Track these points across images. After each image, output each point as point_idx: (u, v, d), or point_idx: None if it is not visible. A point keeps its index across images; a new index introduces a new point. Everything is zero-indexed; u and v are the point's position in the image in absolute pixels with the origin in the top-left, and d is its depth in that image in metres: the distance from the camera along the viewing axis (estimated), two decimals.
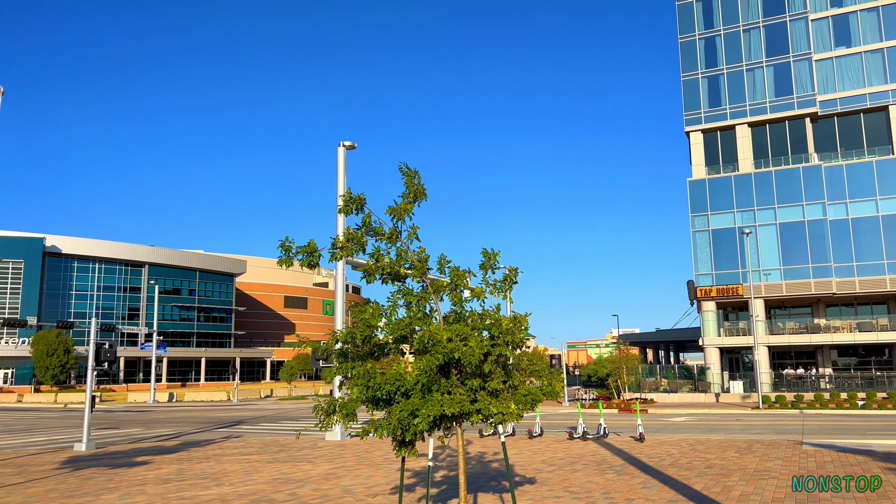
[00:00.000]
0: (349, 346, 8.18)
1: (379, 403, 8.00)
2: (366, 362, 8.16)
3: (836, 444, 19.90)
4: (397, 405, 7.47)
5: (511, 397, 7.73)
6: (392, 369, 8.04)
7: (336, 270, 25.72)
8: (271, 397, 68.89)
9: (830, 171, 49.37)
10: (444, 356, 7.17)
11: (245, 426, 33.13)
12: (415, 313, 7.80)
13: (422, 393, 7.55)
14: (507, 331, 7.37)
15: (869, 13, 50.18)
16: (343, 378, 8.34)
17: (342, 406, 7.88)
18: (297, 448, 21.97)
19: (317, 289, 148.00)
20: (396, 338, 7.93)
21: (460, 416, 7.66)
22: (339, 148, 26.53)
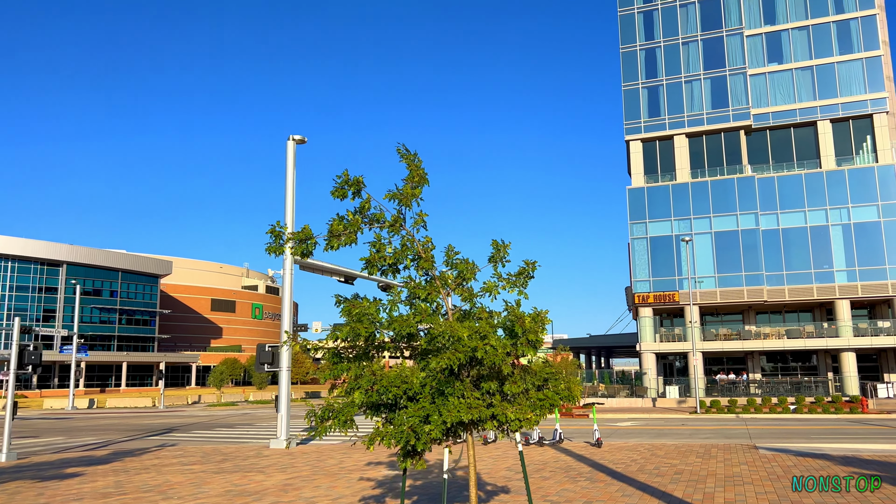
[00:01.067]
0: (349, 344, 7.36)
1: (380, 409, 7.21)
2: (362, 363, 7.37)
3: (790, 449, 20.09)
4: (405, 411, 6.71)
5: (526, 402, 7.08)
6: (393, 371, 7.28)
7: (284, 270, 24.54)
8: (199, 403, 66.20)
9: (763, 182, 50.96)
10: (465, 356, 6.45)
11: (178, 434, 31.38)
12: (423, 309, 7.06)
13: (431, 397, 6.81)
14: (529, 329, 6.71)
15: (800, 31, 52.14)
16: (335, 380, 7.50)
17: (338, 412, 7.04)
18: (242, 457, 20.73)
19: (246, 292, 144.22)
20: (397, 336, 7.15)
21: (473, 422, 6.96)
22: (288, 142, 25.40)
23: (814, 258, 49.00)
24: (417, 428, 6.54)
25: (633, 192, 53.67)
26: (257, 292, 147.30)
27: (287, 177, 25.13)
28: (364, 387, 6.96)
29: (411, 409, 6.67)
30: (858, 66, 50.29)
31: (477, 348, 6.39)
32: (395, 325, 6.90)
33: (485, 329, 6.64)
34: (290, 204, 24.88)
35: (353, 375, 7.25)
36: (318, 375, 10.98)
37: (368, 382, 7.11)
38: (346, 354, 7.50)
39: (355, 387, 7.19)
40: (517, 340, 6.72)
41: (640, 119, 54.42)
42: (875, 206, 48.56)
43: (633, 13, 55.85)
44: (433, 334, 6.78)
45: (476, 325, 6.67)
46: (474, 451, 7.62)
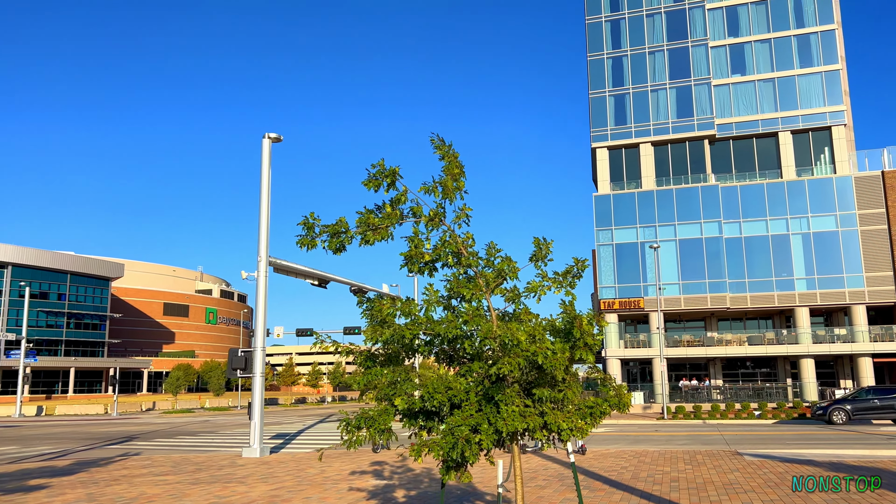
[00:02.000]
0: (393, 348, 6.82)
1: (417, 417, 6.70)
2: (396, 367, 6.85)
3: (773, 455, 20.12)
4: (453, 418, 6.20)
5: (575, 410, 6.65)
6: (433, 376, 6.77)
7: (259, 272, 23.69)
8: (154, 410, 64.18)
9: (726, 191, 51.80)
10: (524, 360, 5.98)
11: (139, 442, 30.11)
12: (469, 310, 6.57)
13: (478, 404, 6.33)
14: (587, 331, 6.28)
15: (762, 44, 53.25)
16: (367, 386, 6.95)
17: (372, 420, 6.50)
18: (216, 466, 19.85)
19: (200, 296, 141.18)
20: (443, 340, 6.64)
21: (523, 432, 6.50)
22: (263, 140, 24.60)
23: (775, 266, 49.95)
24: (470, 437, 6.05)
25: (599, 198, 53.99)
26: (212, 296, 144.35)
27: (262, 176, 24.32)
28: (408, 392, 6.41)
29: (458, 416, 6.17)
30: (818, 80, 51.57)
31: (537, 353, 5.94)
32: (444, 327, 6.38)
33: (539, 332, 6.20)
34: (265, 203, 24.08)
35: (389, 381, 6.72)
36: (350, 381, 10.31)
37: (413, 388, 6.59)
38: (379, 358, 6.95)
39: (393, 393, 6.66)
40: (574, 343, 6.28)
41: (606, 127, 54.82)
42: (833, 216, 49.77)
43: (600, 21, 56.32)
44: (481, 336, 6.30)
45: (531, 328, 6.22)
46: (520, 463, 7.14)
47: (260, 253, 23.75)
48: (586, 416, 6.62)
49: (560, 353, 6.01)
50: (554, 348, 6.01)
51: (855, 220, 49.27)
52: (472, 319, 6.33)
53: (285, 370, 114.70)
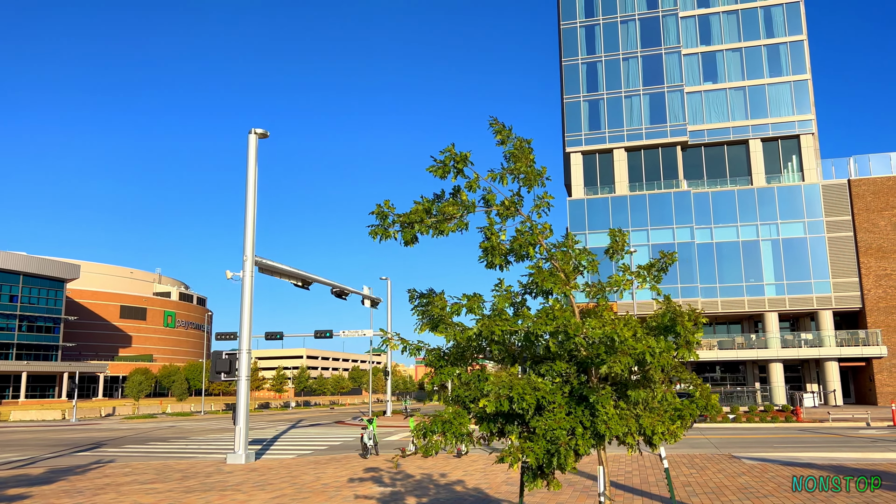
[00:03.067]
0: (476, 344, 6.34)
1: (495, 420, 6.22)
2: (466, 367, 6.38)
3: (770, 458, 20.11)
4: (543, 421, 5.74)
5: (665, 412, 6.25)
6: (506, 376, 6.31)
7: (244, 272, 22.88)
8: (114, 416, 62.15)
9: (698, 197, 52.38)
10: (633, 359, 5.56)
11: (109, 449, 28.88)
12: (557, 305, 6.14)
13: (567, 407, 5.89)
14: (689, 328, 5.89)
15: (733, 53, 54.08)
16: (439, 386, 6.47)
17: (448, 423, 6.00)
18: (204, 473, 19.01)
19: (158, 298, 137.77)
20: (528, 336, 6.19)
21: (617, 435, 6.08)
22: (250, 135, 23.84)
23: (745, 272, 50.65)
24: (570, 442, 5.60)
25: (573, 203, 54.10)
26: (170, 299, 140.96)
27: (248, 172, 23.55)
28: (499, 392, 5.94)
29: (549, 419, 5.72)
30: (787, 89, 52.55)
31: (644, 351, 5.52)
32: (533, 324, 5.91)
33: (640, 329, 5.79)
34: (251, 200, 23.31)
35: (466, 381, 6.24)
36: (424, 381, 9.56)
37: (489, 388, 6.12)
38: (452, 358, 6.47)
39: (468, 395, 6.17)
40: (676, 341, 5.89)
41: (581, 132, 55.00)
42: (801, 222, 50.70)
43: (575, 27, 56.54)
44: (572, 332, 5.86)
45: (633, 325, 5.80)
46: (607, 469, 6.71)
47: (246, 252, 22.97)
48: (676, 419, 6.23)
49: (666, 352, 5.62)
50: (659, 347, 5.61)
51: (822, 228, 50.30)
52: (563, 315, 5.88)
53: None
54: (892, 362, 48.37)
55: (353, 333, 53.29)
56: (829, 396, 48.94)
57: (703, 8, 55.23)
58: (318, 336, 52.94)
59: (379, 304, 42.12)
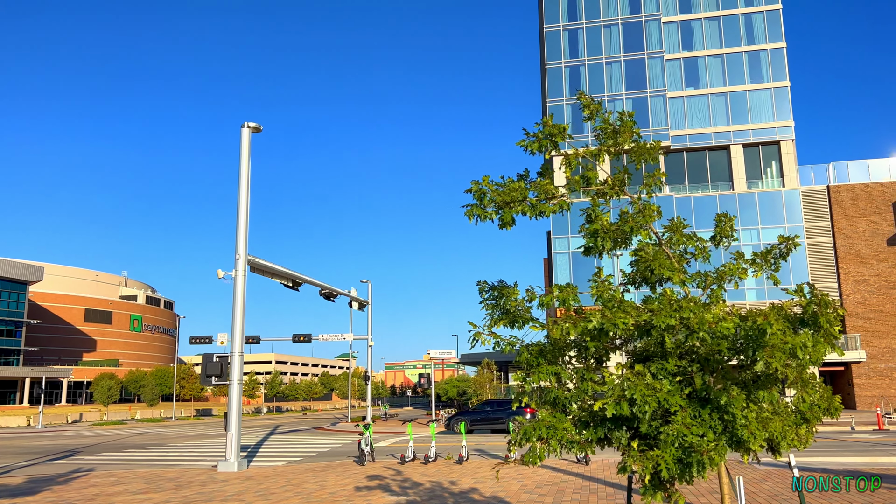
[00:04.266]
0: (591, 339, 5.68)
1: (601, 425, 5.58)
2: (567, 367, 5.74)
3: (778, 462, 19.81)
4: (673, 427, 5.10)
5: (788, 416, 5.67)
6: (613, 377, 5.68)
7: (237, 271, 21.93)
8: (81, 422, 60.08)
9: (680, 201, 52.49)
10: (785, 356, 4.95)
11: (86, 456, 27.58)
12: (671, 296, 5.52)
13: (692, 411, 5.27)
14: (833, 322, 5.31)
15: (715, 59, 54.41)
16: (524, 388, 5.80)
17: (552, 429, 5.34)
18: (197, 482, 18.03)
19: (124, 302, 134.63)
20: (642, 331, 5.56)
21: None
22: (242, 129, 22.93)
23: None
24: (709, 450, 4.97)
25: None
26: (136, 303, 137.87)
27: (241, 167, 22.63)
28: (616, 395, 5.28)
29: (677, 425, 5.08)
30: (767, 95, 52.99)
31: (796, 346, 4.91)
32: (660, 316, 5.27)
33: (781, 322, 5.19)
34: (243, 197, 22.39)
35: (575, 381, 5.58)
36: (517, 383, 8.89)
37: (622, 390, 5.46)
38: (550, 355, 5.81)
39: (566, 397, 5.52)
40: (815, 336, 5.30)
41: None
42: (782, 227, 51.05)
43: (558, 30, 56.39)
44: (696, 328, 5.24)
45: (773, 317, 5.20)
46: (728, 480, 6.06)
47: (238, 250, 22.04)
48: (801, 423, 5.65)
49: (816, 347, 5.03)
50: (810, 341, 5.01)
51: (802, 233, 50.70)
52: (689, 306, 5.26)
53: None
54: (870, 367, 48.90)
55: (333, 337, 52.18)
56: None
57: (685, 14, 55.50)
58: (296, 340, 51.75)
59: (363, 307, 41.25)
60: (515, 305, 6.55)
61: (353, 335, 51.94)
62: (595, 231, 5.98)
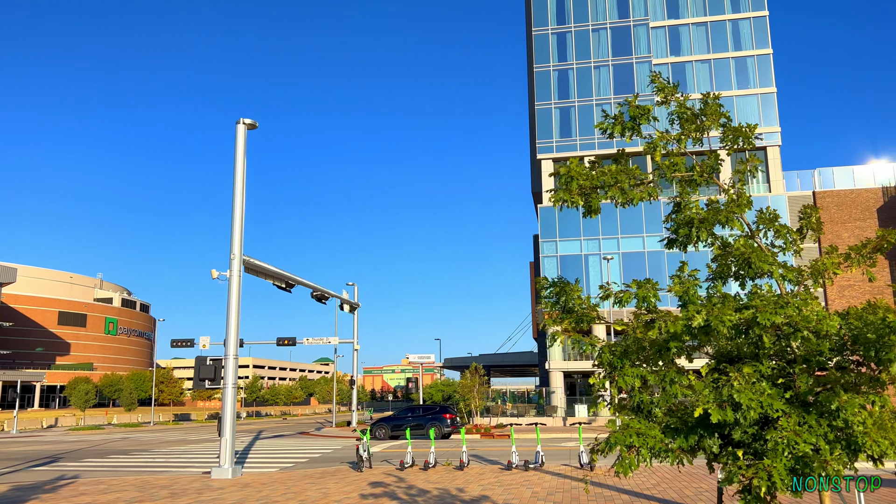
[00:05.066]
0: (664, 338, 5.25)
1: (695, 431, 5.14)
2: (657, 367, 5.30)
3: None
4: (783, 434, 4.67)
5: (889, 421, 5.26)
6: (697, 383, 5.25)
7: (231, 271, 21.27)
8: (57, 427, 58.61)
9: (668, 207, 52.46)
10: None
11: (68, 463, 26.65)
12: (771, 291, 5.12)
13: (797, 416, 4.85)
14: None
15: (702, 64, 54.62)
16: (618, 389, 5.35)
17: (644, 436, 4.89)
18: (194, 490, 17.34)
19: (99, 304, 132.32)
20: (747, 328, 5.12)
21: None
22: (238, 126, 22.31)
23: None
24: (816, 459, 4.55)
25: (544, 210, 53.62)
26: (112, 305, 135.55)
27: (236, 165, 22.00)
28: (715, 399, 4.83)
29: (785, 432, 4.64)
30: (754, 101, 53.28)
31: None
32: (765, 313, 4.84)
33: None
34: (238, 195, 21.75)
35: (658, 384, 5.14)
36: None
37: (683, 393, 5.03)
38: (634, 355, 5.37)
39: (651, 402, 5.08)
40: None
41: (552, 138, 54.63)
42: None
43: (547, 34, 56.26)
44: (800, 325, 4.82)
45: None
46: None
47: (233, 250, 21.39)
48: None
49: None
50: None
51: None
52: (796, 301, 4.84)
53: None
54: None
55: (318, 341, 51.43)
56: None
57: (673, 19, 55.67)
58: (280, 343, 50.87)
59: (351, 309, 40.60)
60: (580, 303, 6.12)
61: (339, 339, 51.27)
62: (689, 220, 5.57)
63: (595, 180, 5.39)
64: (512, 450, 21.31)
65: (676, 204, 6.01)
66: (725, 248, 5.93)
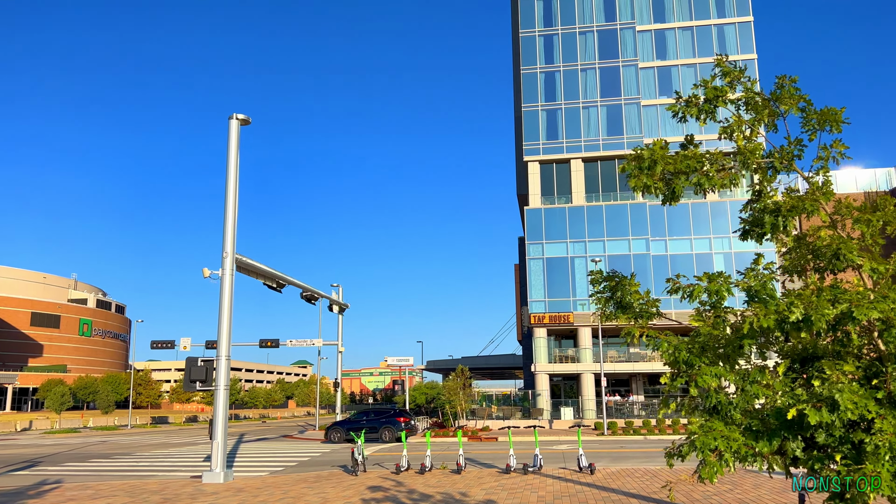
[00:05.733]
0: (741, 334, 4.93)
1: (777, 434, 4.83)
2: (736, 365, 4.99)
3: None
4: (876, 437, 4.38)
5: None
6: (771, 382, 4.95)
7: (223, 270, 20.73)
8: (31, 430, 57.20)
9: (653, 209, 52.62)
10: None
11: (49, 467, 25.86)
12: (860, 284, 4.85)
13: (894, 418, 4.57)
14: None
15: (688, 68, 54.87)
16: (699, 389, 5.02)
17: (726, 439, 4.58)
18: (187, 495, 16.79)
19: (73, 305, 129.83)
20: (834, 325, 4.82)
21: None
22: (231, 121, 21.79)
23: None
24: None
25: (530, 212, 53.45)
26: (86, 306, 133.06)
27: (229, 161, 21.47)
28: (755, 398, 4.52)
29: (888, 436, 4.35)
30: None
31: None
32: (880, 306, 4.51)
33: None
34: (231, 192, 21.23)
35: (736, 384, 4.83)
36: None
37: (763, 394, 4.73)
38: (713, 351, 5.05)
39: (729, 403, 4.77)
40: None
41: (538, 141, 54.51)
42: None
43: (534, 36, 56.16)
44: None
45: None
46: None
47: (226, 248, 20.87)
48: None
49: None
50: None
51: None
52: (892, 296, 4.55)
53: (179, 386, 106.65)
54: None
55: (301, 343, 50.75)
56: None
57: (659, 23, 55.86)
58: (262, 345, 50.10)
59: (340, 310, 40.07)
60: (638, 299, 5.80)
61: (323, 340, 50.65)
62: (776, 208, 5.26)
63: (679, 165, 5.09)
64: (510, 453, 21.01)
65: (756, 192, 5.70)
66: (799, 239, 5.65)
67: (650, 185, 5.33)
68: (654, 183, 5.27)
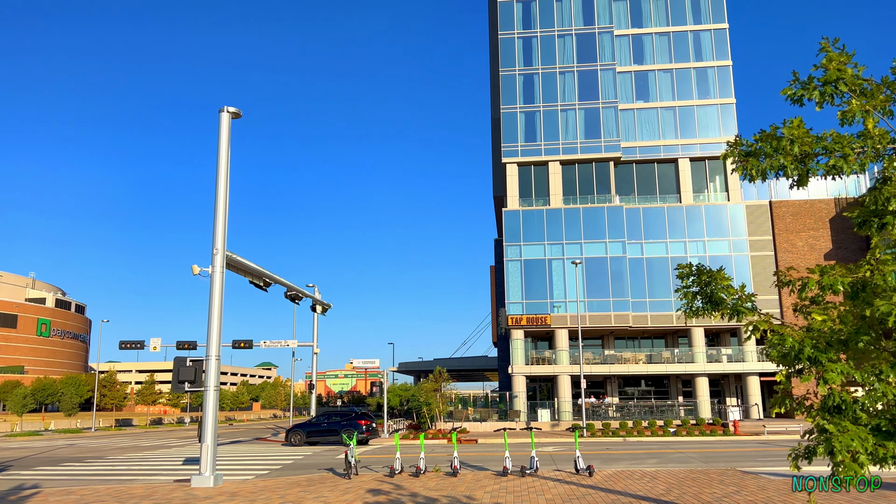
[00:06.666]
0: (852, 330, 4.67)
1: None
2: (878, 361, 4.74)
3: (779, 472, 19.54)
4: None
5: None
6: None
7: (214, 267, 20.08)
8: None
9: (630, 212, 52.97)
10: None
11: (20, 472, 24.80)
12: None
13: None
14: None
15: (664, 73, 55.39)
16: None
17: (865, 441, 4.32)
18: (179, 500, 16.14)
19: (31, 305, 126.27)
20: None
21: None
22: (221, 114, 21.14)
23: (674, 287, 51.48)
24: None
25: (508, 214, 53.38)
26: (45, 306, 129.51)
27: (220, 155, 20.83)
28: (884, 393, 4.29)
29: None
30: (714, 111, 54.30)
31: None
32: None
33: None
34: (222, 187, 20.59)
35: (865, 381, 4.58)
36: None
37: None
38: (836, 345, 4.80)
39: (855, 402, 4.52)
40: None
41: (517, 143, 54.49)
42: (727, 240, 52.29)
43: (513, 38, 56.16)
44: None
45: None
46: None
47: (216, 244, 20.22)
48: None
49: None
50: None
51: (746, 246, 52.07)
52: None
53: (145, 388, 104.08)
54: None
55: (275, 344, 49.80)
56: (750, 410, 50.40)
57: (636, 28, 56.31)
58: (235, 346, 49.11)
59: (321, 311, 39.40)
60: (732, 293, 5.54)
61: (297, 342, 49.84)
62: (883, 198, 5.02)
63: (815, 146, 4.82)
64: (505, 455, 20.69)
65: (882, 178, 5.42)
66: None
67: (787, 167, 5.03)
68: (789, 164, 4.98)
